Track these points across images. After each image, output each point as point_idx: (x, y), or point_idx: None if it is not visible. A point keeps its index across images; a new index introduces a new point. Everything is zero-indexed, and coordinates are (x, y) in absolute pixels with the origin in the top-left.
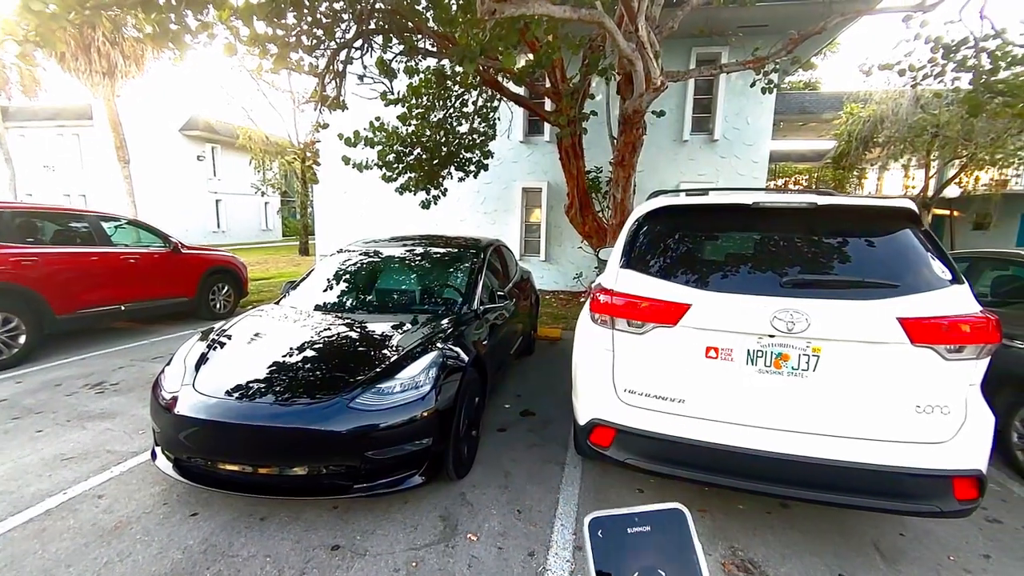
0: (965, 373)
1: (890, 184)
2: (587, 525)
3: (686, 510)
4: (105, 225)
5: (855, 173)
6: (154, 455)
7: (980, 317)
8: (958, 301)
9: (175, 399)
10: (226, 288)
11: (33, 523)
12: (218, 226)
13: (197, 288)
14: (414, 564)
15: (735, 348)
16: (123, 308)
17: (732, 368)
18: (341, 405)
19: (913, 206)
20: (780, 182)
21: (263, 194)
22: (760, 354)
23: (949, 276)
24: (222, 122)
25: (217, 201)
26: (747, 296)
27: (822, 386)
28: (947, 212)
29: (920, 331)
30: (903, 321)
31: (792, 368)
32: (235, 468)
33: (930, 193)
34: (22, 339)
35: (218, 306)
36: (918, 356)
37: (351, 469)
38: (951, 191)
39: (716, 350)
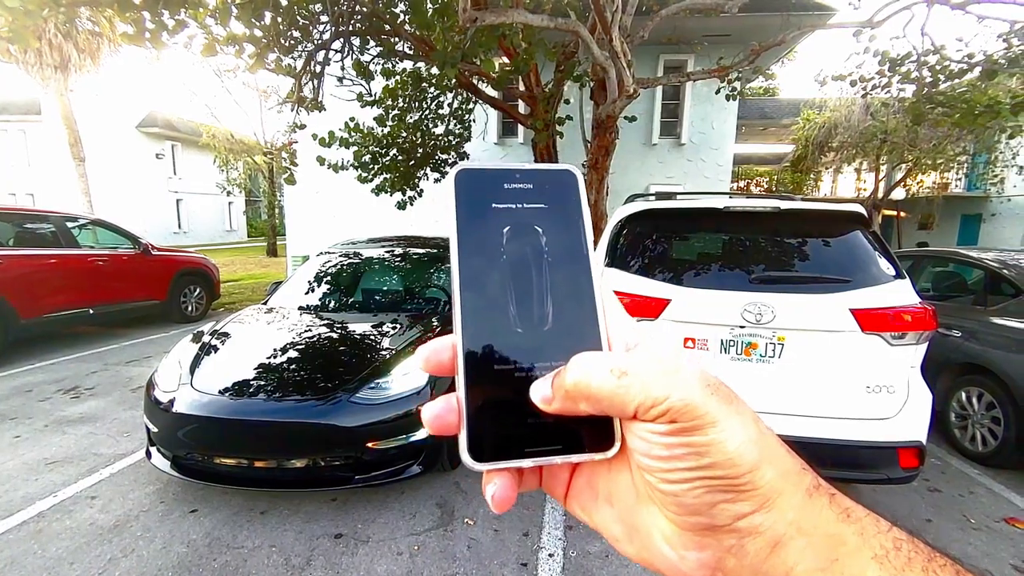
0: (907, 357)
1: (844, 186)
2: (454, 176)
3: (577, 171)
4: (71, 226)
5: (812, 176)
6: (149, 454)
7: (919, 308)
8: (901, 294)
9: (173, 398)
10: (198, 290)
11: (28, 525)
12: (179, 226)
13: (168, 291)
14: (416, 548)
15: (710, 339)
16: (92, 311)
17: (708, 357)
18: (344, 400)
19: (862, 210)
20: (743, 183)
21: (228, 193)
22: (732, 343)
23: (893, 272)
24: (183, 119)
25: (178, 201)
26: (720, 291)
27: (787, 371)
28: (895, 213)
29: (869, 320)
30: (855, 312)
31: (760, 355)
32: (237, 463)
33: (880, 195)
34: None
35: (190, 309)
36: (867, 342)
37: (353, 460)
38: (898, 193)
39: (693, 341)
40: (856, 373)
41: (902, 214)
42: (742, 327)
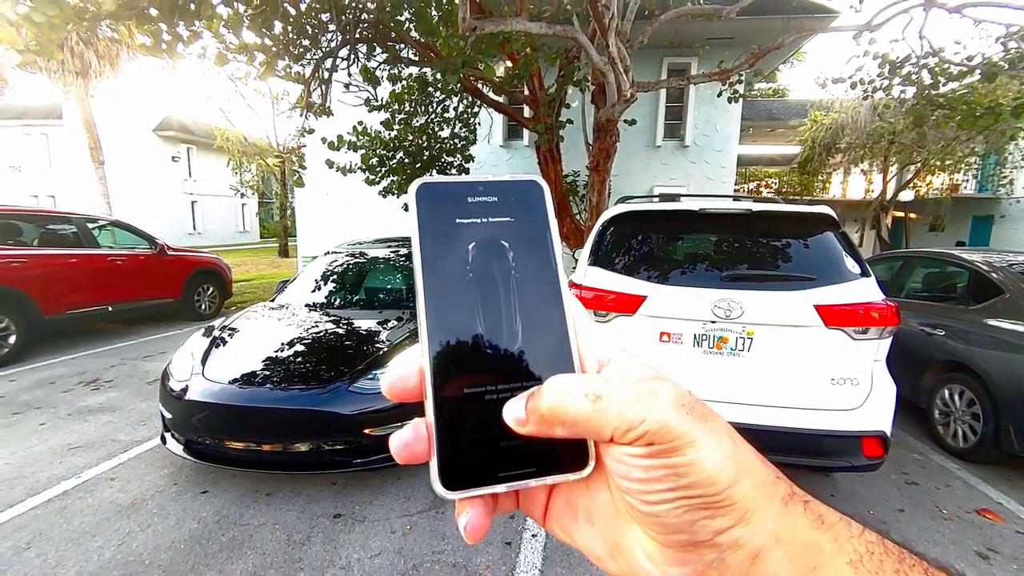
0: (870, 350)
1: (853, 188)
2: (415, 191)
3: (543, 182)
4: (91, 227)
5: (820, 177)
6: (164, 439)
7: (880, 304)
8: (864, 291)
9: (186, 387)
10: (211, 289)
11: (53, 502)
12: (194, 227)
13: (183, 289)
14: (409, 527)
15: (684, 333)
16: (110, 309)
17: (682, 350)
18: (343, 389)
19: (831, 212)
20: (752, 185)
21: (242, 195)
22: (705, 337)
23: (859, 270)
24: (198, 122)
25: (193, 202)
26: (693, 289)
27: (756, 364)
28: (903, 214)
29: (832, 316)
30: (818, 308)
31: (731, 349)
32: (245, 447)
33: (888, 196)
34: (12, 339)
35: (203, 307)
36: (831, 337)
37: (353, 445)
38: (906, 195)
39: (668, 335)
40: (821, 366)
41: (912, 216)
42: (713, 322)
